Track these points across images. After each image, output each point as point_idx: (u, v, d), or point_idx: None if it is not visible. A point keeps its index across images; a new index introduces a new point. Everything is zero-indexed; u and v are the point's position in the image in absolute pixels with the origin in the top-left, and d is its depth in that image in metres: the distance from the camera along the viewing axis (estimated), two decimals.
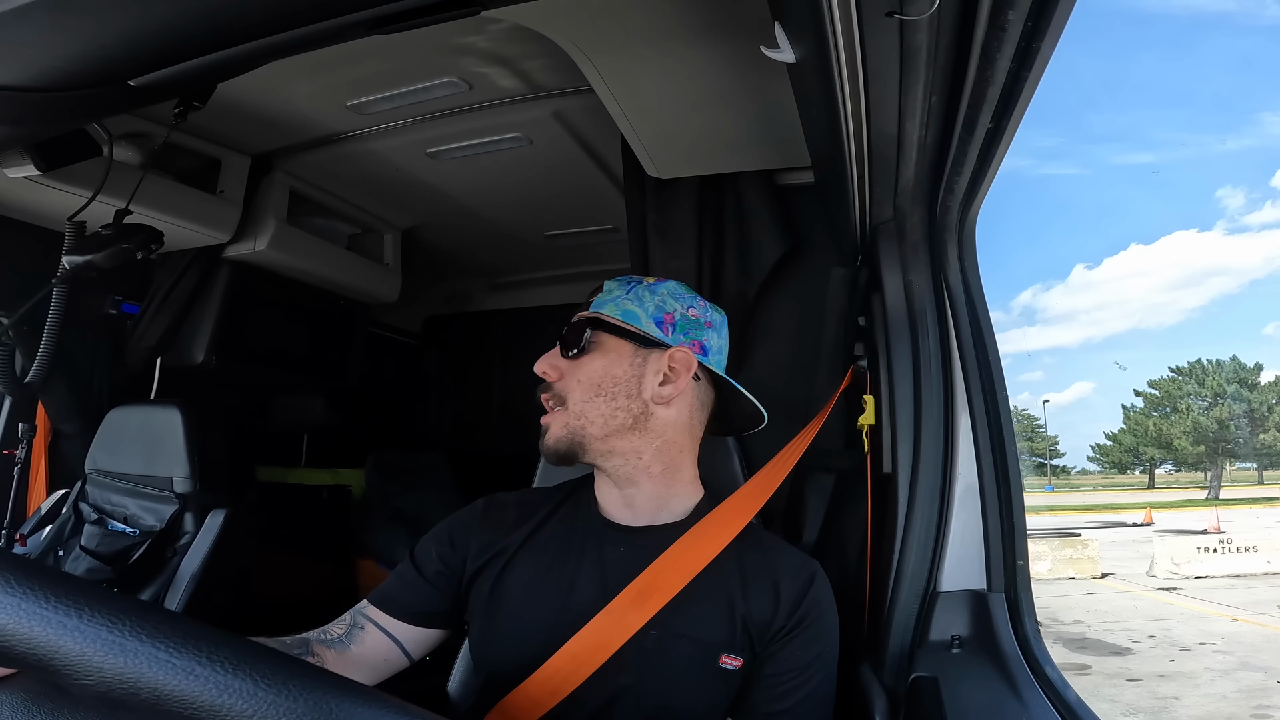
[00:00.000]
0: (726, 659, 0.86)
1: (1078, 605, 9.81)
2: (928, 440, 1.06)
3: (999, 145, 0.88)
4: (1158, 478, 51.34)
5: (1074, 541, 12.38)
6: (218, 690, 0.38)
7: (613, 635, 0.84)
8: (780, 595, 0.88)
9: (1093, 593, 10.77)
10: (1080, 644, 7.79)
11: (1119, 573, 12.25)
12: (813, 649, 0.88)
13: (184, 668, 0.39)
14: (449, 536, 0.96)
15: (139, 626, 0.39)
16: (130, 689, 0.38)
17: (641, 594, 0.85)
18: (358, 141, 1.84)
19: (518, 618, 0.89)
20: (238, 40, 0.64)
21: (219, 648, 0.40)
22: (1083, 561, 12.10)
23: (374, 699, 0.41)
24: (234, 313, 2.11)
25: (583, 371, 0.93)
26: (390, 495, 2.77)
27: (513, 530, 0.95)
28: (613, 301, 0.97)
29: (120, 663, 0.38)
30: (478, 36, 1.38)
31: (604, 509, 0.96)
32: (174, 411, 1.76)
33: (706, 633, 0.86)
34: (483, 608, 0.92)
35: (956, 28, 0.73)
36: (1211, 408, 46.98)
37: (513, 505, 0.99)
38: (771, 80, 1.13)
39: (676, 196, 1.55)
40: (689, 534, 0.90)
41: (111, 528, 1.73)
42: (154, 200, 1.65)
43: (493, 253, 2.73)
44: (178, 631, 0.40)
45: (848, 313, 1.34)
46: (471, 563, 0.93)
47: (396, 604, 0.93)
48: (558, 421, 0.93)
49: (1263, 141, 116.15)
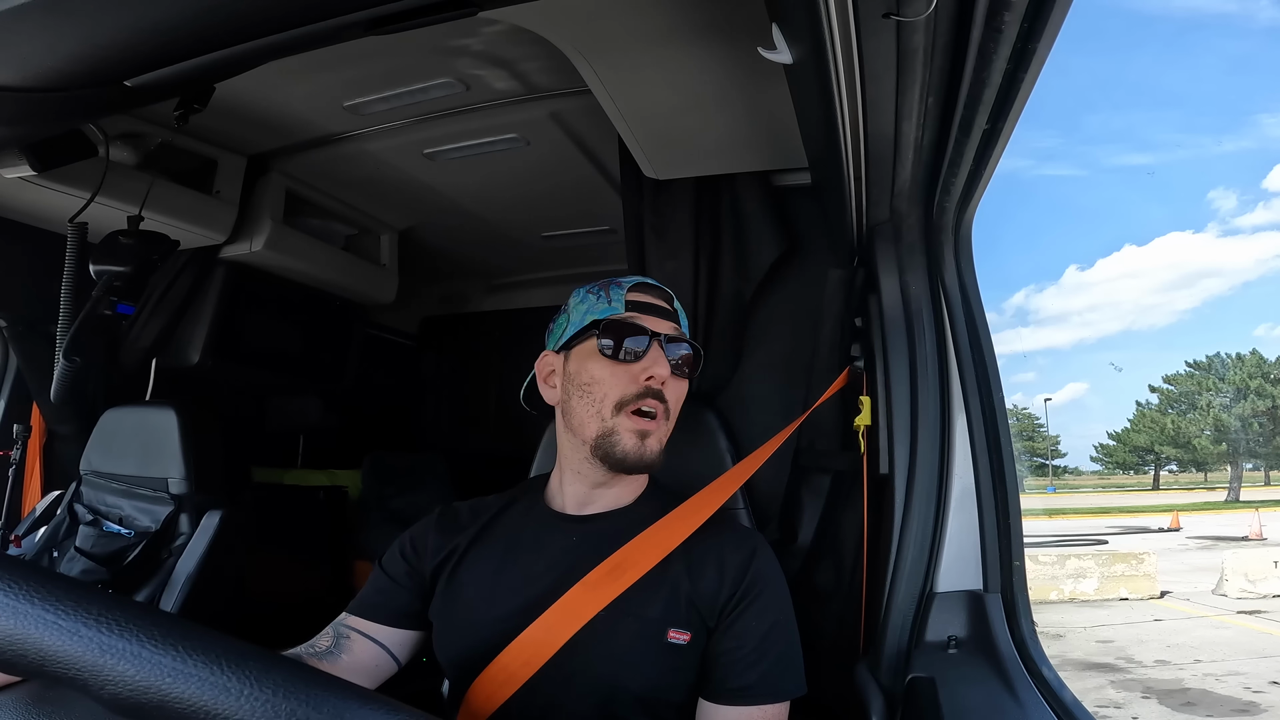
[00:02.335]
0: (674, 634, 0.88)
1: (1151, 637, 7.74)
2: (924, 441, 1.06)
3: (995, 146, 0.88)
4: (1158, 479, 50.56)
5: (1126, 556, 10.35)
6: (216, 691, 0.38)
7: (574, 619, 0.87)
8: (724, 569, 0.92)
9: (1160, 618, 8.69)
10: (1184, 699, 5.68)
11: (1177, 590, 10.24)
12: (765, 618, 0.90)
13: (183, 670, 0.39)
14: (410, 542, 1.01)
15: (138, 626, 0.39)
16: (131, 692, 0.38)
17: (616, 570, 0.89)
18: (354, 142, 1.84)
19: (474, 609, 0.92)
20: (234, 40, 0.64)
21: (211, 647, 0.40)
22: (1137, 579, 10.04)
23: (372, 700, 0.41)
24: (230, 314, 2.10)
25: (681, 389, 1.00)
26: (387, 496, 2.76)
27: (464, 530, 1.00)
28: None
29: (124, 667, 0.38)
30: (474, 37, 1.38)
31: (556, 502, 1.01)
32: (169, 412, 1.75)
33: (651, 609, 0.89)
34: (441, 606, 0.96)
35: (953, 29, 0.73)
36: (1233, 404, 45.12)
37: (465, 510, 1.04)
38: (768, 81, 1.14)
39: (673, 198, 1.55)
40: (669, 516, 0.95)
41: (106, 529, 1.73)
42: (151, 201, 1.65)
43: (489, 254, 2.72)
44: (160, 627, 0.40)
45: (844, 314, 1.34)
46: (429, 561, 0.98)
47: (374, 609, 0.97)
48: (660, 432, 0.96)
49: (1258, 143, 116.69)
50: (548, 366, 1.04)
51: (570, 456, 1.00)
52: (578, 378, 0.97)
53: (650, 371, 0.94)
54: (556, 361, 1.03)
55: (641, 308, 0.98)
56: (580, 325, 0.98)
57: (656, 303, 1.00)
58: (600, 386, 0.95)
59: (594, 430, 0.94)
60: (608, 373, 0.95)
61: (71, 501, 1.83)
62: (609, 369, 0.95)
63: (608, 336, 0.95)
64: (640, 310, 0.98)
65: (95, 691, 0.38)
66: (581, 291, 1.02)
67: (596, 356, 0.96)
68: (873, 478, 1.20)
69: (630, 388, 0.94)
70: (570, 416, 0.98)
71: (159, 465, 1.73)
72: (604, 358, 0.95)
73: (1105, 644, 7.39)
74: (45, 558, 1.72)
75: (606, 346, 0.95)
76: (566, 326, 1.01)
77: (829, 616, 1.29)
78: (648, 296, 1.00)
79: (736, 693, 0.87)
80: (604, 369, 0.95)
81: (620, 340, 0.95)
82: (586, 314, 0.98)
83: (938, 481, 1.05)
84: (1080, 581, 9.81)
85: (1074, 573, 9.87)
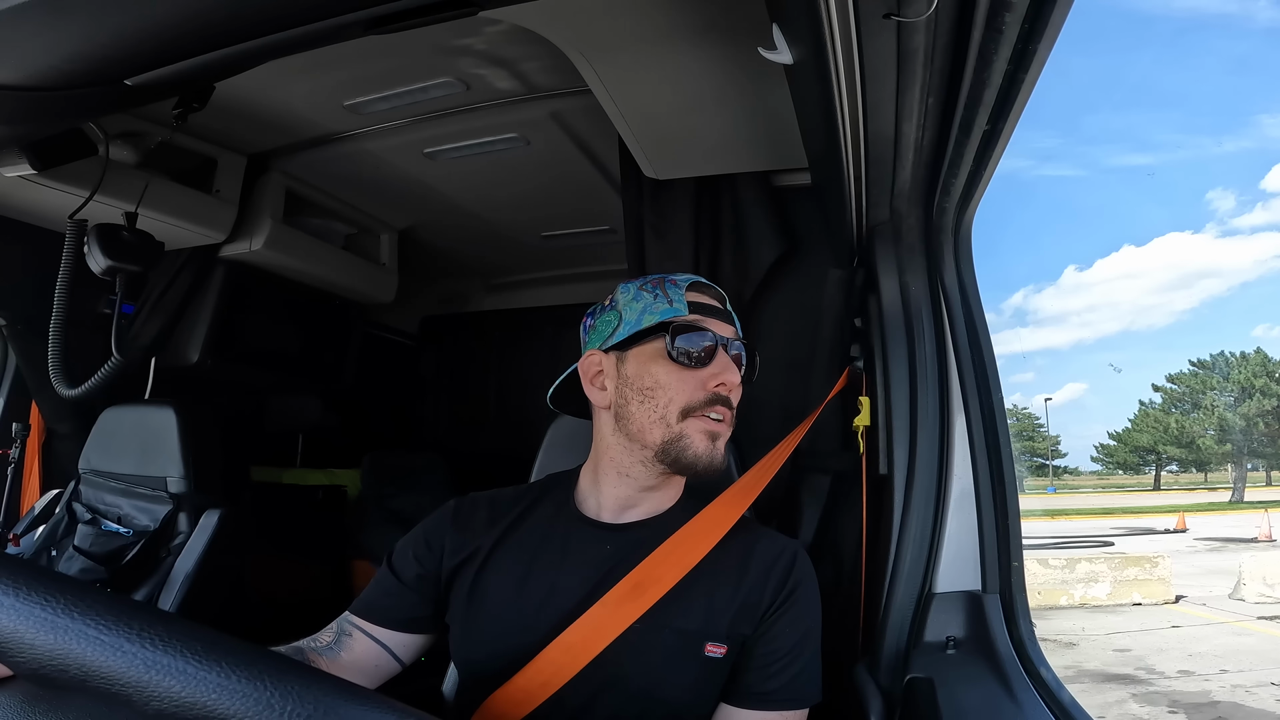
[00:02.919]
0: (711, 647, 0.86)
1: (1171, 644, 7.26)
2: (923, 441, 1.07)
3: (995, 147, 0.88)
4: (1159, 479, 50.12)
5: (1139, 560, 9.94)
6: (210, 689, 0.38)
7: (606, 629, 0.84)
8: (766, 577, 0.90)
9: (1178, 624, 8.21)
10: (1214, 714, 5.27)
11: (1191, 595, 9.81)
12: (799, 626, 0.89)
13: (180, 669, 0.39)
14: (424, 539, 0.96)
15: (181, 641, 0.40)
16: (176, 708, 0.38)
17: (637, 588, 0.86)
18: (354, 141, 1.84)
19: (498, 617, 0.89)
20: (234, 40, 0.64)
21: (209, 646, 0.40)
22: (1151, 583, 9.65)
23: (370, 700, 0.41)
24: (229, 313, 2.10)
25: (740, 393, 0.95)
26: (386, 496, 2.76)
27: (486, 530, 0.95)
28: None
29: (169, 683, 0.38)
30: (475, 37, 1.38)
31: (589, 506, 0.96)
32: (168, 411, 1.75)
33: (690, 623, 0.87)
34: (461, 609, 0.92)
35: (953, 30, 0.73)
36: (1239, 403, 43.75)
37: (484, 504, 0.98)
38: (769, 82, 1.14)
39: (673, 198, 1.55)
40: (684, 529, 0.91)
41: (105, 528, 1.72)
42: (150, 200, 1.65)
43: (489, 253, 2.72)
44: (162, 627, 0.40)
45: (844, 314, 1.34)
46: (448, 561, 0.93)
47: (379, 612, 0.93)
48: (727, 435, 0.93)
49: (1258, 144, 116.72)
50: (594, 366, 0.96)
51: (620, 459, 0.94)
52: (638, 381, 0.91)
53: (721, 378, 0.90)
54: (606, 362, 0.95)
55: (703, 309, 0.93)
56: (637, 325, 0.91)
57: (715, 304, 0.96)
58: (666, 391, 0.89)
59: (659, 436, 0.90)
60: (675, 378, 0.89)
61: (70, 500, 1.83)
62: (676, 374, 0.90)
63: (679, 340, 0.89)
64: (702, 312, 0.93)
65: (140, 707, 0.38)
66: (631, 288, 0.95)
67: (662, 360, 0.90)
68: (872, 478, 1.20)
69: (698, 394, 0.89)
70: (627, 421, 0.92)
71: (158, 464, 1.73)
72: (671, 362, 0.89)
73: (1123, 653, 6.97)
74: (44, 556, 1.71)
75: (679, 352, 0.89)
76: (618, 325, 0.93)
77: (828, 616, 1.29)
78: (706, 297, 0.95)
79: (761, 697, 0.86)
80: (671, 374, 0.90)
81: (691, 345, 0.90)
82: (643, 313, 0.92)
83: (937, 482, 1.05)
84: (1092, 586, 9.40)
85: (1085, 577, 9.47)
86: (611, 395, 0.94)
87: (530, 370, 2.97)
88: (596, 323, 0.98)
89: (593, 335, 0.98)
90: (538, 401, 1.14)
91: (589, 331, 0.99)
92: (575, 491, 0.98)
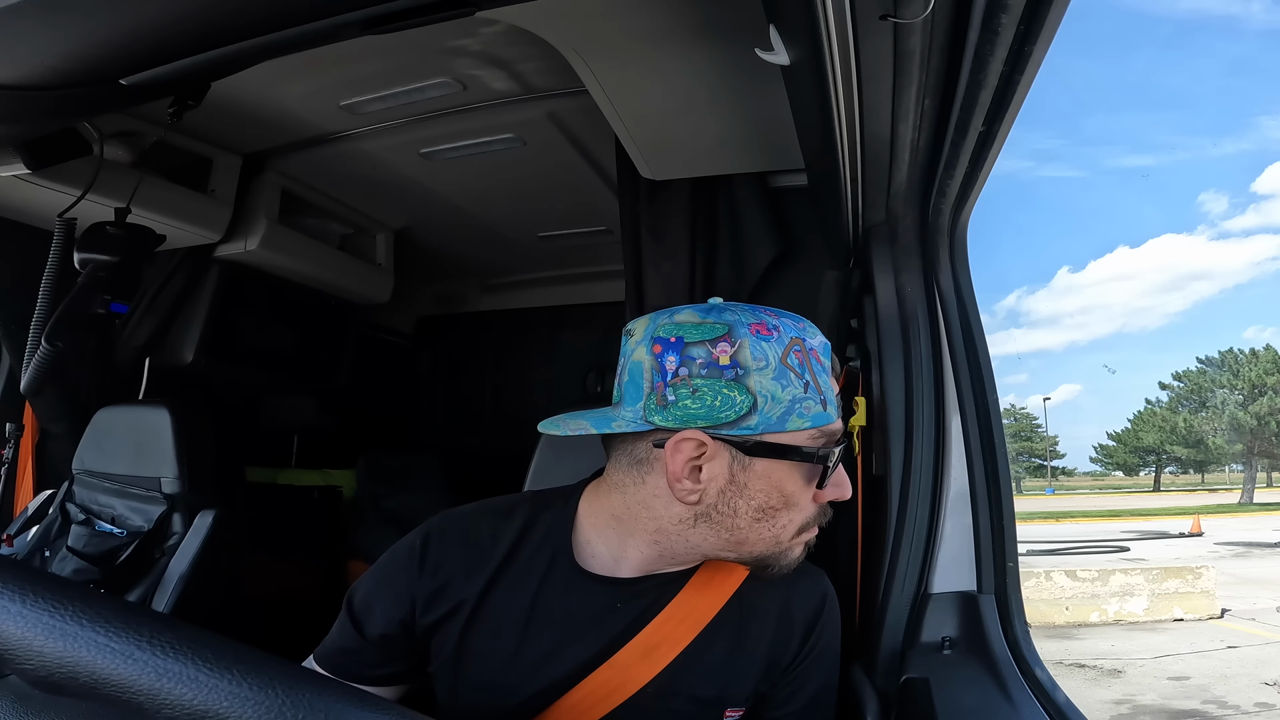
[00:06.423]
0: (730, 713, 0.79)
1: (1235, 669, 6.14)
2: (919, 442, 1.07)
3: (991, 148, 0.88)
4: (1159, 480, 49.56)
5: (1180, 571, 8.89)
6: (202, 689, 0.38)
7: (614, 691, 0.76)
8: (793, 626, 0.82)
9: (1233, 644, 7.05)
10: None
11: (1235, 608, 8.73)
12: (818, 678, 0.84)
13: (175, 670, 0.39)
14: (389, 591, 0.81)
15: (191, 649, 0.40)
16: (188, 715, 0.38)
17: (649, 649, 0.77)
18: (350, 141, 1.83)
19: (490, 683, 0.78)
20: (230, 39, 0.64)
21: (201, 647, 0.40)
22: (1194, 596, 8.55)
23: (383, 709, 0.41)
24: (224, 312, 2.09)
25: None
26: (381, 496, 2.76)
27: (465, 579, 0.80)
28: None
29: (181, 690, 0.38)
30: (472, 37, 1.38)
31: (596, 563, 0.80)
32: (163, 412, 1.74)
33: (707, 689, 0.78)
34: (449, 670, 0.81)
35: (949, 31, 0.73)
36: (1249, 401, 41.68)
37: (455, 541, 0.82)
38: (765, 83, 1.14)
39: (670, 198, 1.55)
40: (693, 582, 0.80)
41: (99, 528, 1.72)
42: (145, 199, 1.64)
43: (486, 253, 2.72)
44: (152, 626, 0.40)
45: (840, 315, 1.35)
46: (423, 617, 0.80)
47: (343, 669, 0.82)
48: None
49: (1257, 145, 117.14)
50: (694, 450, 0.69)
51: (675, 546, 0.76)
52: (760, 497, 0.71)
53: (842, 493, 0.75)
54: (719, 455, 0.70)
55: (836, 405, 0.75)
56: (781, 427, 0.69)
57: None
58: (789, 513, 0.73)
59: (763, 549, 0.74)
60: (806, 498, 0.73)
61: (64, 501, 1.82)
62: (806, 493, 0.73)
63: (834, 462, 0.73)
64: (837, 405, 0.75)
65: (151, 715, 0.38)
66: (774, 363, 0.69)
67: (798, 477, 0.72)
68: (868, 479, 1.21)
69: (812, 509, 0.75)
70: (719, 526, 0.73)
71: (152, 465, 1.72)
72: (805, 481, 0.72)
73: (1180, 682, 5.81)
74: (37, 557, 1.71)
75: (828, 478, 0.73)
76: (749, 412, 0.68)
77: None
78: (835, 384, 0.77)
79: None
80: (803, 493, 0.73)
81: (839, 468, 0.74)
82: (792, 411, 0.69)
83: (933, 482, 1.05)
84: (1127, 600, 8.37)
85: (1120, 590, 8.47)
86: (712, 500, 0.72)
87: (526, 371, 2.97)
88: (697, 382, 0.68)
89: (683, 394, 0.68)
90: (534, 401, 1.13)
91: (674, 383, 0.69)
92: (573, 541, 0.81)
